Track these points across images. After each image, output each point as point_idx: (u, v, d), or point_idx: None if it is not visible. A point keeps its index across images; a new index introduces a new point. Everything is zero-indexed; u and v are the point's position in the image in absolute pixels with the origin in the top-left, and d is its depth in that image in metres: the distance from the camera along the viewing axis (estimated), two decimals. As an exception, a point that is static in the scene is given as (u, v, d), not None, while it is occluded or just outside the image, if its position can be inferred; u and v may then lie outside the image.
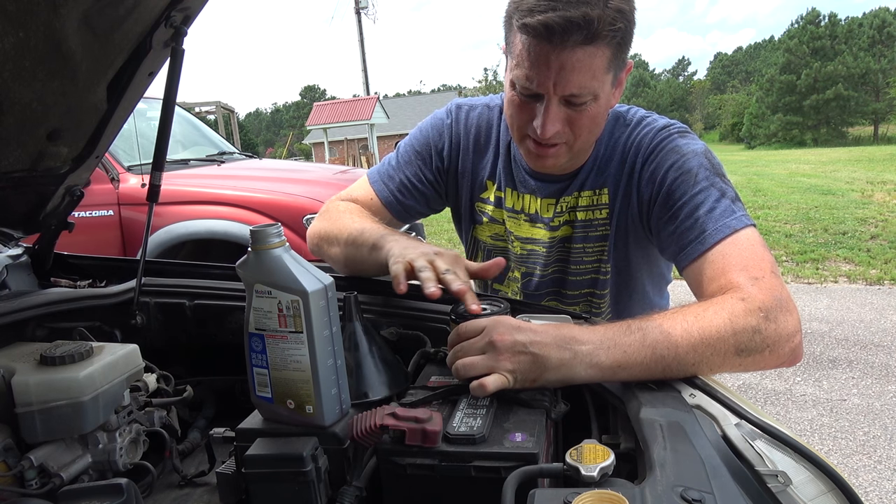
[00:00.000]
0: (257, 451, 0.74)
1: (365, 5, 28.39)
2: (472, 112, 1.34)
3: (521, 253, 1.33)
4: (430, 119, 1.38)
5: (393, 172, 1.35)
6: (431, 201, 1.38)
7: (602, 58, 1.01)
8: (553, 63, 1.00)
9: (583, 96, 1.03)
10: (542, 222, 1.28)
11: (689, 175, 1.08)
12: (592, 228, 1.24)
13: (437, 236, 8.83)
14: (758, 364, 0.88)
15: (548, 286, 1.33)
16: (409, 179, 1.33)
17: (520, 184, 1.29)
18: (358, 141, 27.04)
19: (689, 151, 1.11)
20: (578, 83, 1.01)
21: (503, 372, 0.80)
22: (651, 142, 1.15)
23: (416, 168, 1.34)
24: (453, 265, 0.98)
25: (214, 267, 1.32)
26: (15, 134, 1.00)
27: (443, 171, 1.36)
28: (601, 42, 0.99)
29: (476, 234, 1.40)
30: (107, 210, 3.86)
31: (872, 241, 7.26)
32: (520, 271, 1.35)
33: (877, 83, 39.89)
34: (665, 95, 65.12)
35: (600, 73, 1.02)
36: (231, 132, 12.53)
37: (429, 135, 1.35)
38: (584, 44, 0.98)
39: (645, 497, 0.59)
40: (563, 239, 1.27)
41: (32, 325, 1.15)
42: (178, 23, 1.02)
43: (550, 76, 1.01)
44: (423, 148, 1.35)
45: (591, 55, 0.99)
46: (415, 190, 1.34)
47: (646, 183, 1.14)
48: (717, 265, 0.98)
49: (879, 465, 2.84)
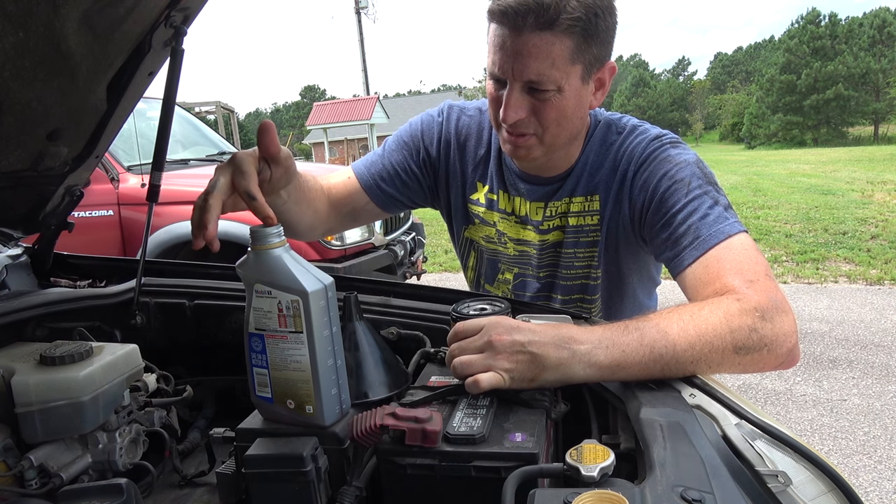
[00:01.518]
0: (257, 451, 0.74)
1: (365, 5, 28.38)
2: (464, 114, 1.35)
3: (514, 254, 1.34)
4: (422, 115, 1.39)
5: (377, 159, 1.35)
6: (412, 193, 1.38)
7: (561, 46, 1.02)
8: (510, 47, 1.03)
9: (543, 84, 1.05)
10: (532, 225, 1.29)
11: (681, 183, 1.09)
12: (583, 234, 1.25)
13: (437, 236, 8.82)
14: (757, 364, 0.88)
15: (539, 290, 1.34)
16: (393, 167, 1.34)
17: (510, 186, 1.30)
18: (358, 141, 27.06)
19: (681, 161, 1.12)
20: (536, 69, 1.03)
21: (500, 371, 0.80)
22: (644, 151, 1.16)
23: (402, 157, 1.34)
24: (233, 179, 0.84)
25: (214, 267, 1.32)
26: (15, 134, 1.00)
27: (428, 167, 1.36)
28: (558, 30, 1.00)
29: (469, 235, 1.41)
30: (107, 210, 3.86)
31: (872, 241, 7.27)
32: (511, 273, 1.36)
33: (877, 83, 39.91)
34: (665, 95, 65.02)
35: (561, 63, 1.03)
36: (231, 132, 12.53)
37: (418, 129, 1.36)
38: (539, 29, 1.00)
39: (645, 497, 0.59)
40: (555, 243, 1.28)
41: (32, 325, 1.15)
42: (177, 23, 1.02)
43: (509, 60, 1.04)
44: (411, 140, 1.35)
45: (548, 42, 1.01)
46: (397, 178, 1.34)
47: (638, 191, 1.15)
48: (712, 270, 0.99)
49: (879, 465, 2.84)
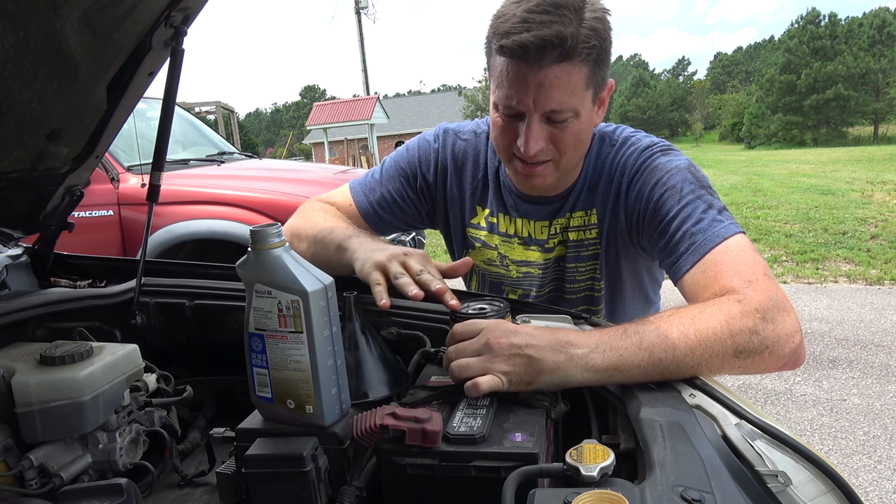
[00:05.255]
0: (257, 451, 0.74)
1: (365, 5, 28.38)
2: (459, 138, 1.36)
3: (517, 276, 1.34)
4: (418, 140, 1.39)
5: (375, 185, 1.36)
6: (409, 218, 1.40)
7: (579, 74, 1.04)
8: (531, 81, 1.03)
9: (563, 112, 1.06)
10: (537, 244, 1.29)
11: (673, 190, 1.10)
12: (584, 248, 1.26)
13: (437, 236, 8.81)
14: (758, 366, 0.88)
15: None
16: (391, 194, 1.35)
17: (511, 208, 1.30)
18: (358, 141, 27.05)
19: (672, 168, 1.13)
20: (558, 100, 1.04)
21: (498, 373, 0.80)
22: (636, 161, 1.17)
23: (399, 184, 1.36)
24: (425, 265, 0.99)
25: (214, 267, 1.32)
26: (15, 134, 1.00)
27: (426, 194, 1.37)
28: (577, 59, 1.02)
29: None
30: (107, 210, 3.85)
31: (872, 241, 7.26)
32: (516, 294, 1.36)
33: (877, 83, 39.87)
34: (665, 95, 64.97)
35: (579, 90, 1.05)
36: (231, 132, 12.53)
37: (415, 155, 1.37)
38: (559, 61, 1.01)
39: (645, 497, 0.59)
40: (558, 259, 1.29)
41: (32, 325, 1.15)
42: (177, 23, 1.02)
43: (530, 94, 1.04)
44: (409, 167, 1.36)
45: (567, 72, 1.02)
46: (394, 205, 1.35)
47: (633, 202, 1.16)
48: (710, 273, 0.99)
49: (879, 465, 2.84)
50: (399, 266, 0.98)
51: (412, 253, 1.02)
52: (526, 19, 1.00)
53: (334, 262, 1.13)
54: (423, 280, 0.95)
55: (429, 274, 0.97)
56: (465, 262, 1.05)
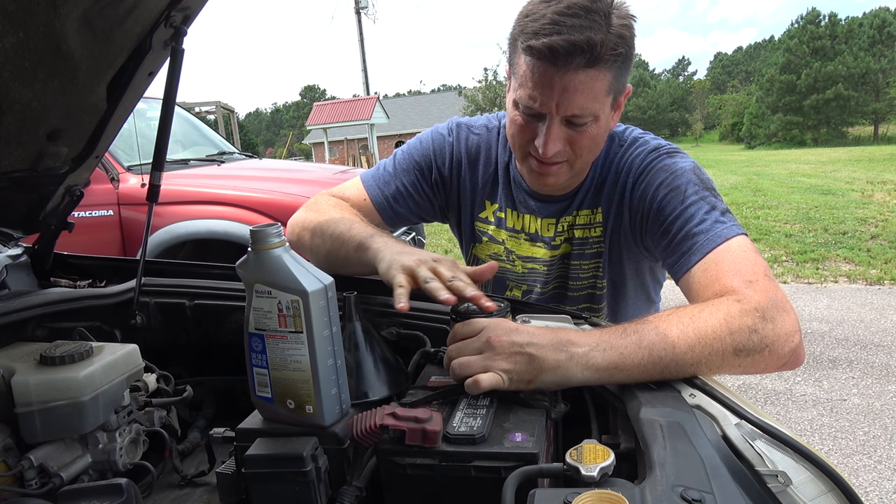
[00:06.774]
0: (257, 451, 0.74)
1: (365, 5, 28.38)
2: (472, 132, 1.36)
3: (522, 272, 1.34)
4: (431, 133, 1.39)
5: (389, 178, 1.35)
6: (423, 212, 1.39)
7: (603, 81, 1.04)
8: (556, 84, 1.03)
9: (584, 117, 1.06)
10: (543, 241, 1.30)
11: (678, 191, 1.10)
12: (588, 246, 1.27)
13: (437, 235, 8.83)
14: (758, 365, 0.88)
15: (547, 303, 1.34)
16: (406, 187, 1.34)
17: (520, 204, 1.30)
18: (358, 141, 27.04)
19: (677, 169, 1.14)
20: (580, 104, 1.04)
21: (499, 371, 0.80)
22: (642, 162, 1.18)
23: (414, 177, 1.35)
24: (455, 271, 0.98)
25: (214, 267, 1.32)
26: (15, 134, 1.00)
27: (440, 187, 1.37)
28: (603, 66, 1.02)
29: (476, 253, 1.42)
30: (107, 210, 3.85)
31: (872, 241, 7.26)
32: (520, 290, 1.37)
33: (877, 83, 39.86)
34: (665, 95, 64.96)
35: (601, 96, 1.06)
36: (231, 132, 12.53)
37: (430, 148, 1.36)
38: (586, 67, 1.01)
39: (645, 497, 0.59)
40: (563, 256, 1.30)
41: (32, 325, 1.15)
42: (177, 23, 1.02)
43: (553, 97, 1.04)
44: (423, 159, 1.36)
45: (592, 78, 1.03)
46: (409, 198, 1.35)
47: (637, 201, 1.17)
48: (711, 273, 1.00)
49: (879, 465, 2.84)
50: (428, 271, 0.97)
51: (442, 259, 1.01)
52: (556, 21, 0.99)
53: (353, 259, 1.12)
54: (456, 287, 0.94)
55: (461, 281, 0.96)
56: (490, 267, 1.04)
